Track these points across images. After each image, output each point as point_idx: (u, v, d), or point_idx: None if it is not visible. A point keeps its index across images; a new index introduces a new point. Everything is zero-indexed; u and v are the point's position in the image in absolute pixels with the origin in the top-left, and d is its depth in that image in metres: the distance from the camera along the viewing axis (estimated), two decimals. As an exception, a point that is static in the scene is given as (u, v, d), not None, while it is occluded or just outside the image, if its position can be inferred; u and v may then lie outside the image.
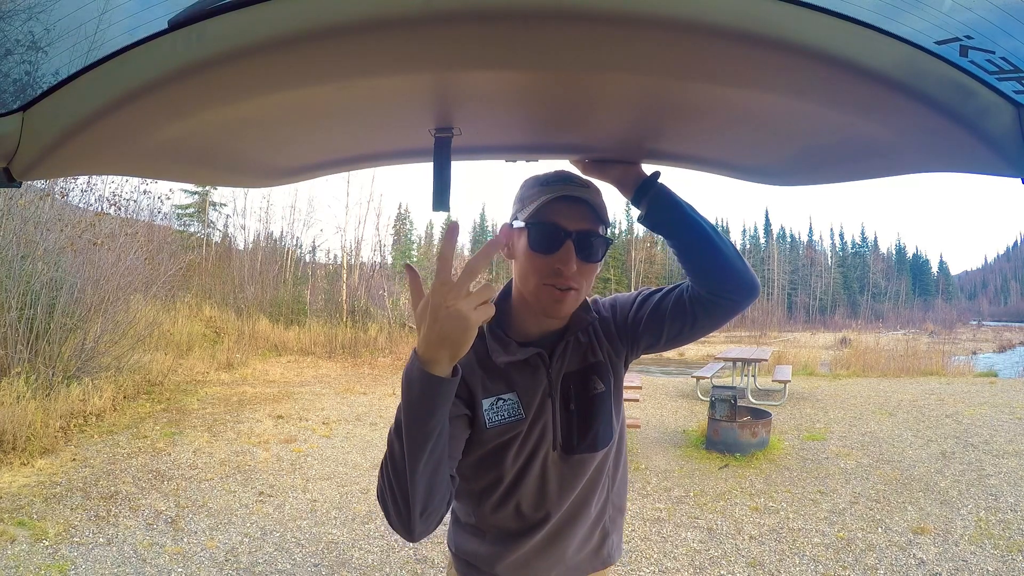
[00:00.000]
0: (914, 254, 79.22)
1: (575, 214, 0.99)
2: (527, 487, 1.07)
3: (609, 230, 1.06)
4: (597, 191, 1.05)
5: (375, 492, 0.91)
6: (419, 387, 0.78)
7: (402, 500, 0.83)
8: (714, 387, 7.28)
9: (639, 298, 1.16)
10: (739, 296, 1.06)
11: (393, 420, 0.86)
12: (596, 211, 1.00)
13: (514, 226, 1.05)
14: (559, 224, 0.98)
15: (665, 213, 1.09)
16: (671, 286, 1.14)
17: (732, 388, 6.48)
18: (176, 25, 0.61)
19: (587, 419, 1.09)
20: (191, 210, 22.38)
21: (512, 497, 1.07)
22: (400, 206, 52.36)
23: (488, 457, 1.05)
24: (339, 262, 19.43)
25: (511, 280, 1.11)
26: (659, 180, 1.10)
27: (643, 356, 1.22)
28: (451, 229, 0.80)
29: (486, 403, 1.03)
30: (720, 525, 4.00)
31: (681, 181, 1.30)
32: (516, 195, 1.08)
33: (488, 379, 1.04)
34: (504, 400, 1.04)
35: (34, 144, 0.76)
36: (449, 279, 0.77)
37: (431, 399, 0.78)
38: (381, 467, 0.87)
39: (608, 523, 1.17)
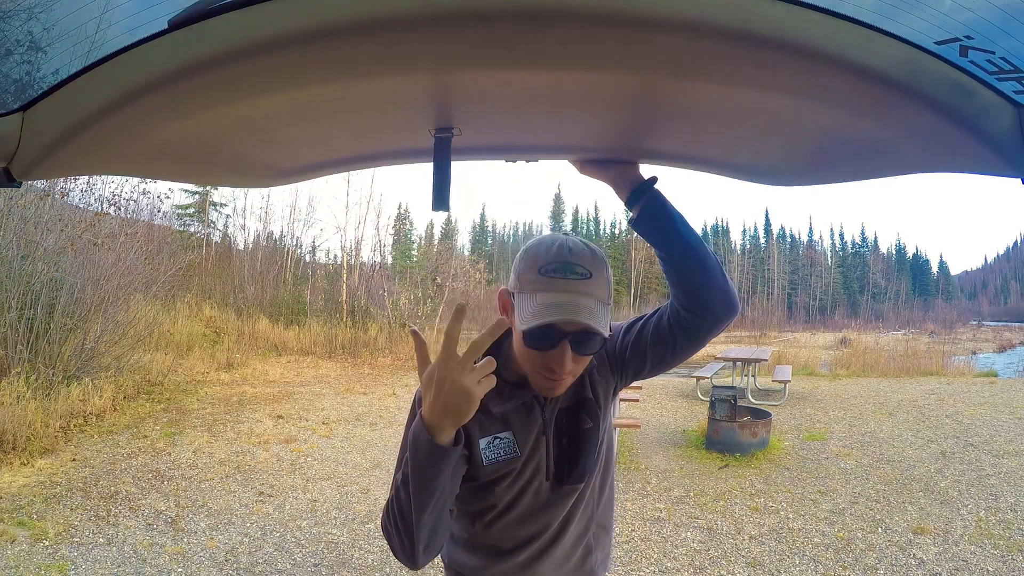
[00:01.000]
0: (914, 254, 79.19)
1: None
2: (517, 513, 1.11)
3: (607, 325, 1.00)
4: (600, 274, 0.98)
5: (380, 525, 0.99)
6: (425, 454, 0.86)
7: (407, 539, 0.91)
8: (714, 387, 7.28)
9: (624, 328, 1.17)
10: (717, 316, 1.06)
11: (398, 474, 0.92)
12: (595, 311, 0.95)
13: (512, 305, 1.03)
14: (556, 326, 0.95)
15: (656, 221, 1.08)
16: (653, 312, 1.15)
17: (732, 388, 6.48)
18: (176, 25, 0.61)
19: (576, 453, 1.11)
20: (191, 210, 22.37)
21: (502, 520, 1.11)
22: (400, 206, 52.39)
23: (483, 487, 1.09)
24: (339, 262, 19.43)
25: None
26: (655, 186, 1.10)
27: (634, 381, 1.23)
28: (458, 310, 0.84)
29: (483, 442, 1.06)
30: (720, 525, 4.00)
31: (680, 181, 1.30)
32: (515, 264, 1.04)
33: (485, 420, 1.07)
34: (500, 439, 1.07)
35: (34, 144, 0.76)
36: (455, 354, 0.82)
37: (436, 464, 0.86)
38: (387, 508, 0.94)
39: (591, 540, 1.19)
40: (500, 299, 1.07)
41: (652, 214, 1.08)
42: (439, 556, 1.21)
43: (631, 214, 1.13)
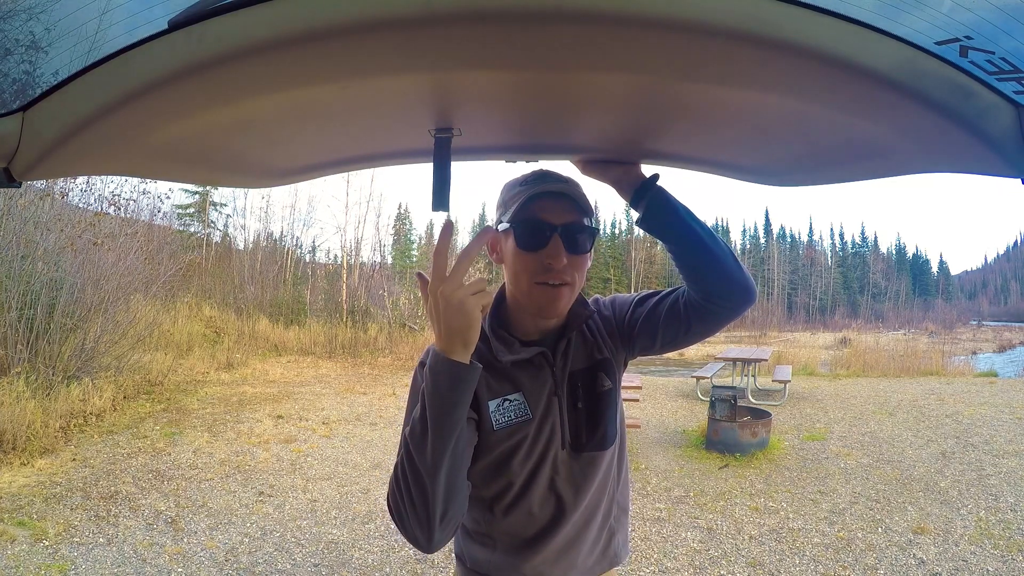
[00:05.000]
0: (914, 254, 79.24)
1: (558, 208, 1.00)
2: (538, 489, 1.06)
3: (594, 220, 1.06)
4: (577, 184, 1.05)
5: (385, 503, 0.92)
6: (445, 378, 0.82)
7: (421, 506, 0.84)
8: (714, 387, 7.28)
9: (636, 300, 1.16)
10: (735, 302, 1.06)
11: (408, 427, 0.88)
12: (578, 203, 1.01)
13: (499, 229, 1.05)
14: (544, 219, 0.99)
15: (663, 217, 1.08)
16: (669, 290, 1.14)
17: (732, 388, 6.48)
18: (176, 25, 0.61)
19: (595, 417, 1.09)
20: (191, 210, 22.37)
21: (524, 501, 1.06)
22: (400, 206, 52.36)
23: (497, 462, 1.04)
24: (339, 262, 19.44)
25: (503, 283, 1.10)
26: (658, 183, 1.10)
27: (640, 357, 1.22)
28: (446, 226, 0.84)
29: (492, 404, 1.03)
30: (720, 525, 4.00)
31: (681, 181, 1.29)
32: (498, 200, 1.09)
33: (493, 380, 1.04)
34: (510, 400, 1.04)
35: (34, 144, 0.76)
36: (444, 274, 0.82)
37: (457, 388, 0.83)
38: (396, 476, 0.88)
39: (614, 523, 1.17)
40: (488, 234, 1.08)
41: (658, 210, 1.08)
42: (457, 561, 1.18)
43: (637, 213, 1.12)
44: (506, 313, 1.10)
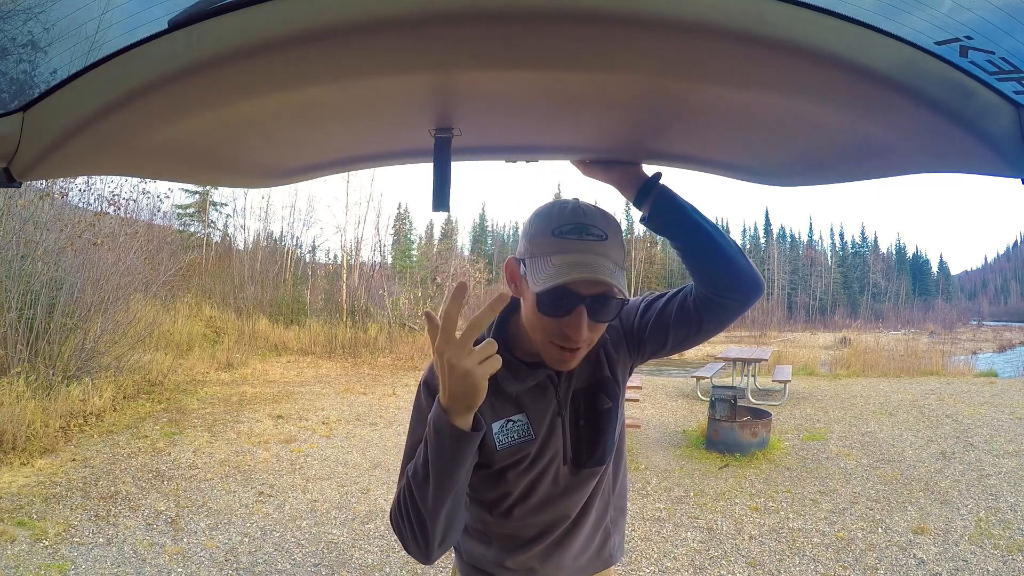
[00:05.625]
0: (914, 254, 79.20)
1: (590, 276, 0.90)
2: (535, 500, 1.07)
3: (625, 289, 0.94)
4: (615, 236, 0.94)
5: (389, 519, 0.95)
6: (448, 439, 0.83)
7: (420, 535, 0.89)
8: (714, 387, 7.28)
9: (643, 304, 1.15)
10: (744, 295, 1.06)
11: (412, 466, 0.89)
12: (613, 273, 0.90)
13: (522, 273, 0.98)
14: (572, 289, 0.90)
15: (668, 215, 1.08)
16: (675, 290, 1.13)
17: (732, 388, 6.49)
18: (176, 25, 0.61)
19: (595, 435, 1.09)
20: (191, 210, 22.36)
21: (520, 508, 1.08)
22: (400, 206, 52.39)
23: (497, 475, 1.05)
24: (339, 262, 19.44)
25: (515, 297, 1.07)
26: (660, 181, 1.10)
27: (649, 360, 1.22)
28: (459, 289, 0.81)
29: (495, 426, 1.03)
30: (720, 525, 4.00)
31: (681, 181, 1.29)
32: (525, 228, 1.00)
33: (497, 402, 1.03)
34: (513, 422, 1.04)
35: (34, 144, 0.76)
36: (453, 337, 0.80)
37: (458, 450, 0.84)
38: (398, 502, 0.91)
39: (609, 524, 1.18)
40: (508, 268, 1.02)
41: (663, 209, 1.08)
42: (455, 553, 1.20)
43: (642, 213, 1.12)
44: (514, 329, 1.06)
